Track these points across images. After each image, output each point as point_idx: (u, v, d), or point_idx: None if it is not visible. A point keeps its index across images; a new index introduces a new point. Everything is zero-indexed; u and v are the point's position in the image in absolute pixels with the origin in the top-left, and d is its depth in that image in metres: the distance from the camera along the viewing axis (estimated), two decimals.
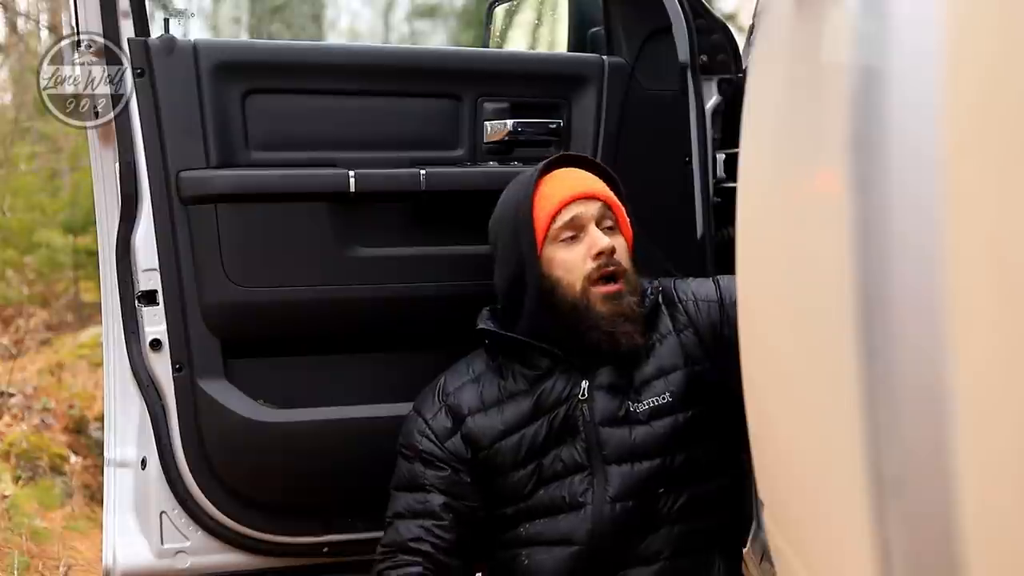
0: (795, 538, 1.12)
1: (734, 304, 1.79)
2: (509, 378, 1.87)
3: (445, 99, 2.15)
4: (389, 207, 2.12)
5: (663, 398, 1.83)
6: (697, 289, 1.92)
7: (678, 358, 1.86)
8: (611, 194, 1.88)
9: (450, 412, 1.88)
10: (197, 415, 2.01)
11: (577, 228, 1.83)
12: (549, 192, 1.86)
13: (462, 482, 1.86)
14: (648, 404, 1.83)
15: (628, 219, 1.90)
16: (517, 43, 2.91)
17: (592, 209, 1.83)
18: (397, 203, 2.12)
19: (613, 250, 1.80)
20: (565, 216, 1.83)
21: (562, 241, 1.83)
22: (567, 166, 1.92)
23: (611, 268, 1.80)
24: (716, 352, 1.85)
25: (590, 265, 1.81)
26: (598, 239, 1.80)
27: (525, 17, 2.90)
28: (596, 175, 1.91)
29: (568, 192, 1.84)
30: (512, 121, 2.14)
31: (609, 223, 1.85)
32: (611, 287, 1.81)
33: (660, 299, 1.90)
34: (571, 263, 1.82)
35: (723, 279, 1.93)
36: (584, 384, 1.83)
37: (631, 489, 1.81)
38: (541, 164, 1.90)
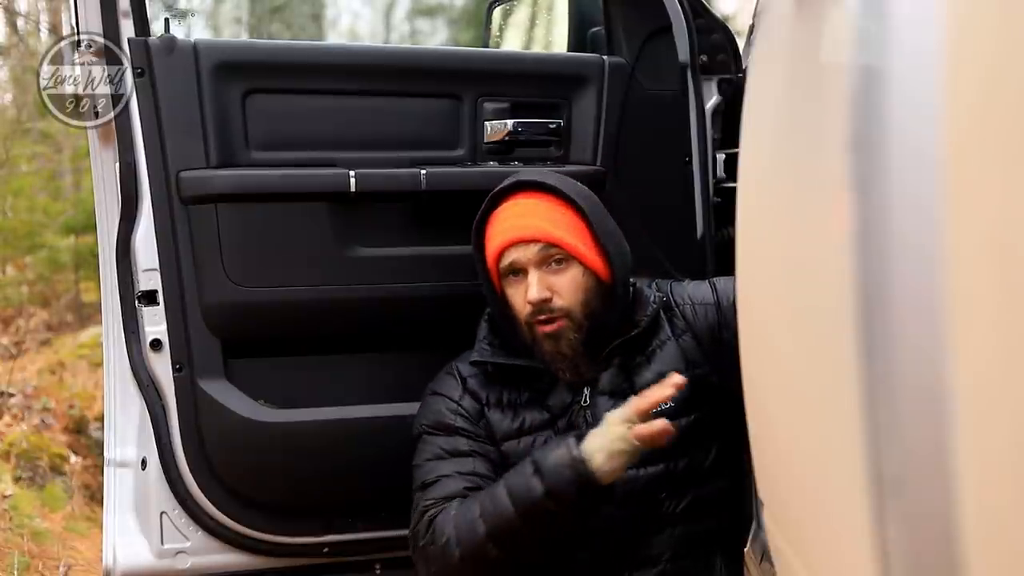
0: (795, 538, 1.12)
1: (731, 306, 1.80)
2: (523, 386, 1.88)
3: (445, 99, 2.15)
4: (389, 207, 2.12)
5: (665, 404, 1.83)
6: (693, 293, 1.92)
7: (678, 363, 1.85)
8: (555, 228, 1.81)
9: (473, 397, 1.89)
10: (197, 415, 2.01)
11: (518, 269, 1.83)
12: (492, 233, 1.86)
13: (494, 459, 1.85)
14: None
15: (593, 240, 1.83)
16: (517, 43, 2.91)
17: (530, 253, 1.81)
18: (397, 203, 2.12)
19: (546, 300, 1.79)
20: (505, 260, 1.83)
21: (509, 278, 1.85)
22: (523, 192, 1.86)
23: (543, 316, 1.80)
24: (715, 355, 1.85)
25: (527, 309, 1.81)
26: (530, 288, 1.80)
27: (525, 17, 2.90)
28: (557, 198, 1.85)
29: (505, 237, 1.83)
30: (512, 121, 2.14)
31: (557, 257, 1.81)
32: (550, 326, 1.81)
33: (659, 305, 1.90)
34: (516, 303, 1.84)
35: (719, 281, 1.93)
36: (586, 391, 1.84)
37: (635, 494, 1.81)
38: (492, 193, 1.88)
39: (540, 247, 1.81)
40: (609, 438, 1.69)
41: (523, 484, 1.72)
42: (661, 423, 1.68)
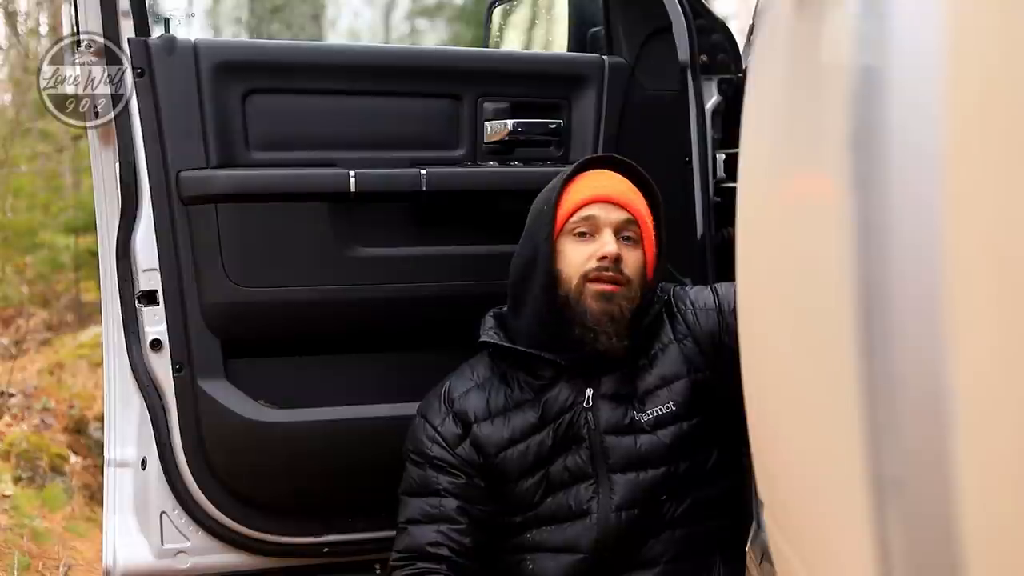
0: (795, 538, 1.12)
1: (732, 312, 1.80)
2: (515, 387, 1.86)
3: (445, 99, 2.15)
4: (389, 207, 2.12)
5: (667, 407, 1.83)
6: (696, 298, 1.92)
7: (680, 367, 1.86)
8: (640, 208, 1.85)
9: (457, 418, 1.87)
10: (197, 415, 2.01)
11: (592, 228, 1.82)
12: (578, 188, 1.85)
13: (475, 486, 1.84)
14: (652, 413, 1.83)
15: (657, 236, 1.87)
16: (517, 43, 2.91)
17: (613, 216, 1.82)
18: (397, 203, 2.12)
19: (619, 259, 1.79)
20: (584, 213, 1.82)
21: (574, 235, 1.82)
22: (611, 168, 1.90)
23: (610, 273, 1.79)
24: (716, 360, 1.85)
25: (591, 264, 1.80)
26: (607, 243, 1.80)
27: (525, 17, 2.90)
28: (637, 185, 1.88)
29: (594, 192, 1.83)
30: (512, 121, 2.14)
31: (630, 234, 1.83)
32: (606, 286, 1.79)
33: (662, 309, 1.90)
34: (574, 259, 1.81)
35: (721, 287, 1.93)
36: (588, 392, 1.83)
37: (636, 497, 1.81)
38: (580, 160, 1.90)
39: (626, 216, 1.83)
40: None
41: None
42: None
